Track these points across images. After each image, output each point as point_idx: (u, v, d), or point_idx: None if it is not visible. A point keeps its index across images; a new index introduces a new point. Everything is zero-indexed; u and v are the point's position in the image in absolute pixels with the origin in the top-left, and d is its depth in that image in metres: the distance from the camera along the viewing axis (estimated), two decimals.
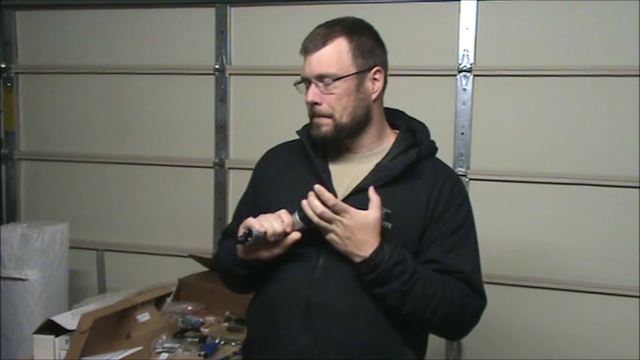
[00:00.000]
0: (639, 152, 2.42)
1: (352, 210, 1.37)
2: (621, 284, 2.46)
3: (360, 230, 1.37)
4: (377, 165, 1.49)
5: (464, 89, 2.57)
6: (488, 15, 2.54)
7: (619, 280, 2.47)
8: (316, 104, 1.45)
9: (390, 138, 1.55)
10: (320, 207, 1.37)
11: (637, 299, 2.45)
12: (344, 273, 1.42)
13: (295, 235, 1.41)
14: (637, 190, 2.43)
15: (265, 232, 1.38)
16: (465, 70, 2.56)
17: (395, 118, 1.58)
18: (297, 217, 1.41)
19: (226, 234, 1.68)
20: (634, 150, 2.43)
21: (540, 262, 2.55)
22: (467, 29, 2.54)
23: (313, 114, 1.47)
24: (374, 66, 1.48)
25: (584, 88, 2.48)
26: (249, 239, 1.38)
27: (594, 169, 2.48)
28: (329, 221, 1.38)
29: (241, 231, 1.41)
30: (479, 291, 1.49)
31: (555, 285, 2.54)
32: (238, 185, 2.81)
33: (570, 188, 2.51)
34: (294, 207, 1.42)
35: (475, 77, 2.56)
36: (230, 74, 2.87)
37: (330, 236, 1.39)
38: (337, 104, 1.44)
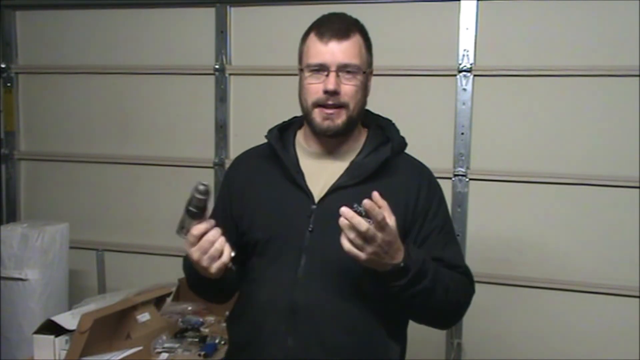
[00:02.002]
0: (639, 152, 2.42)
1: (389, 226, 1.26)
2: (621, 284, 2.46)
3: (396, 239, 1.29)
4: (352, 162, 1.49)
5: (464, 89, 2.57)
6: (488, 15, 2.53)
7: (619, 280, 2.47)
8: (336, 92, 1.42)
9: (361, 135, 1.55)
10: (364, 225, 1.23)
11: (637, 299, 2.45)
12: (327, 274, 1.42)
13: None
14: (637, 190, 2.43)
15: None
16: (465, 70, 2.55)
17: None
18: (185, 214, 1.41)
19: None
20: (634, 150, 2.43)
21: (540, 262, 2.55)
22: (467, 29, 2.54)
23: (323, 103, 1.44)
24: (371, 66, 1.52)
25: (584, 88, 2.47)
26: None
27: (594, 169, 2.48)
28: (371, 240, 1.24)
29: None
30: (472, 280, 1.53)
31: (555, 285, 2.54)
32: None
33: (570, 188, 2.51)
34: (270, 209, 1.45)
35: (475, 77, 2.56)
36: (230, 74, 2.87)
37: (370, 255, 1.26)
38: (354, 95, 1.44)
